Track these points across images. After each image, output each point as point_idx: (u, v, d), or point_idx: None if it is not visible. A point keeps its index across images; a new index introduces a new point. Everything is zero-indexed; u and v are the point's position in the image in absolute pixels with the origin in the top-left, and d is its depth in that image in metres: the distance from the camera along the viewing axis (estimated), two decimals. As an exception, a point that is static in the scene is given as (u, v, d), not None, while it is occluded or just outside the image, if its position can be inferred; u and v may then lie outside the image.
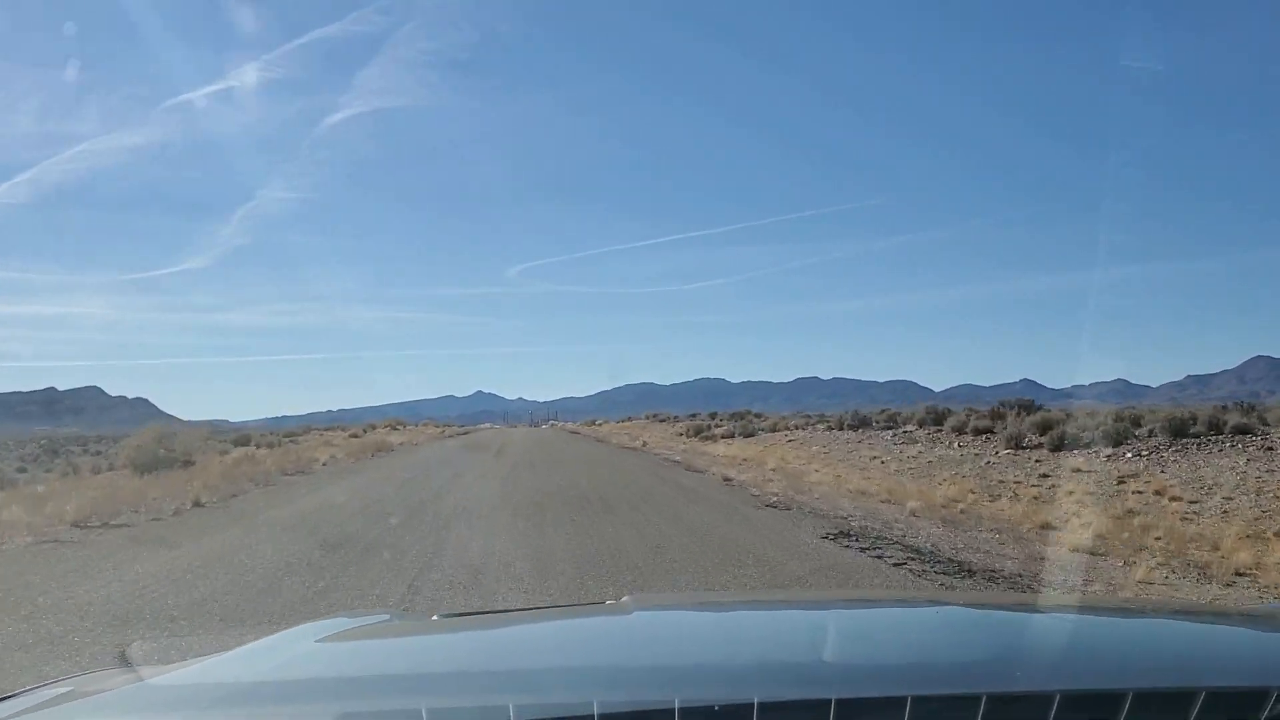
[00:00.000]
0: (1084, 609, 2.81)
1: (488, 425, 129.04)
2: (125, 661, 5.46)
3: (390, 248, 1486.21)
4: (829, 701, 1.27)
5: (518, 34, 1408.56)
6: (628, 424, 70.01)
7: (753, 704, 1.26)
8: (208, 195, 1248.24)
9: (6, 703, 1.59)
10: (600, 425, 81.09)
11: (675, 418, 63.39)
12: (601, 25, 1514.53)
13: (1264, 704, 1.30)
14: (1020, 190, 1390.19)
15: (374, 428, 61.57)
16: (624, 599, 2.30)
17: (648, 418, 69.37)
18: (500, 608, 6.99)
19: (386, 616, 2.53)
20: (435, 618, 2.58)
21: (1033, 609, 2.78)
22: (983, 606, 2.96)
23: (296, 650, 1.87)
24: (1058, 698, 1.29)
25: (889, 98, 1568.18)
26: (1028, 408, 24.73)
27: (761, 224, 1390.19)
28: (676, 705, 1.26)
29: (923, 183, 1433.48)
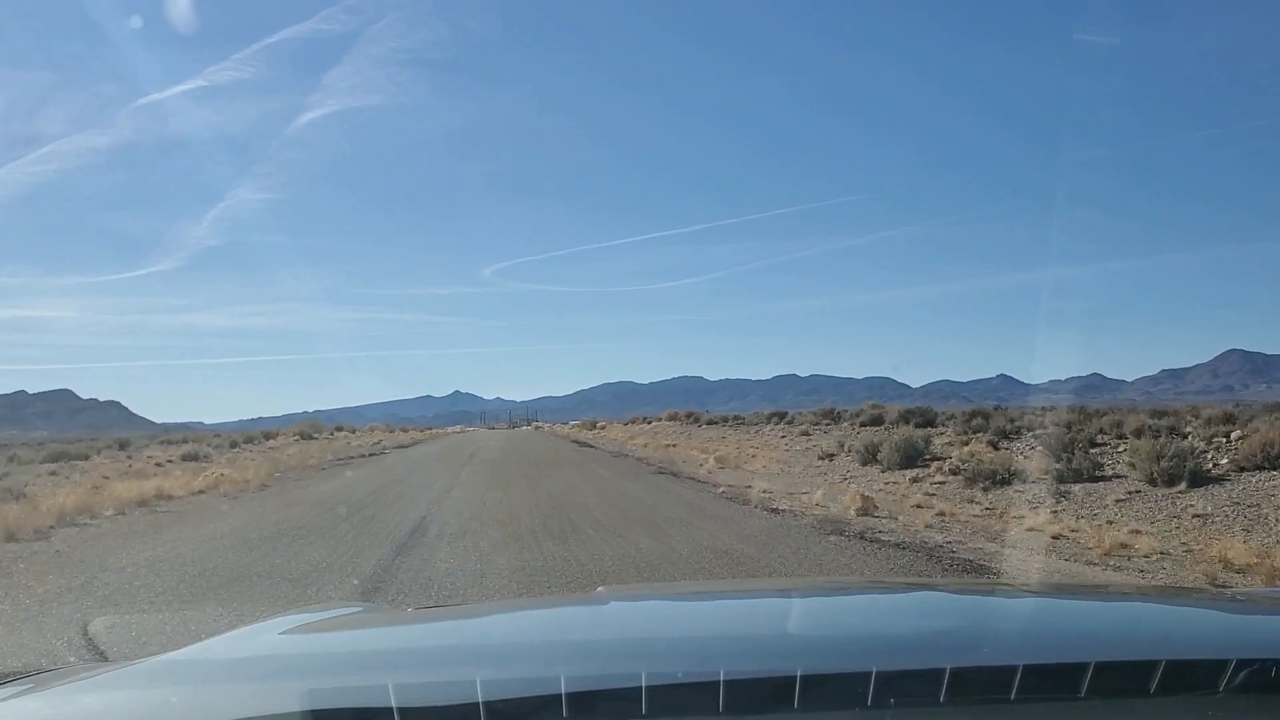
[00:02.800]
0: (1048, 590, 2.80)
1: (457, 429, 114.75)
2: (88, 637, 5.19)
3: (364, 248, 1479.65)
4: (794, 676, 1.29)
5: (489, 32, 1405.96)
6: (641, 425, 52.75)
7: (719, 679, 1.28)
8: (178, 197, 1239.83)
9: None
10: (602, 428, 62.66)
11: (736, 417, 44.51)
12: (574, 23, 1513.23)
13: (1222, 675, 1.34)
14: (993, 187, 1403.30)
15: (272, 436, 47.43)
16: (599, 589, 2.37)
17: (671, 418, 50.45)
18: (475, 600, 7.04)
19: (358, 609, 2.52)
20: (410, 610, 2.62)
21: (998, 590, 2.79)
22: (948, 589, 2.99)
23: (261, 640, 1.87)
24: (1020, 670, 1.31)
25: (861, 97, 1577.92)
26: None
27: (734, 222, 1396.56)
28: (644, 680, 1.28)
29: (895, 180, 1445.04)
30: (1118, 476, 13.78)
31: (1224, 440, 14.58)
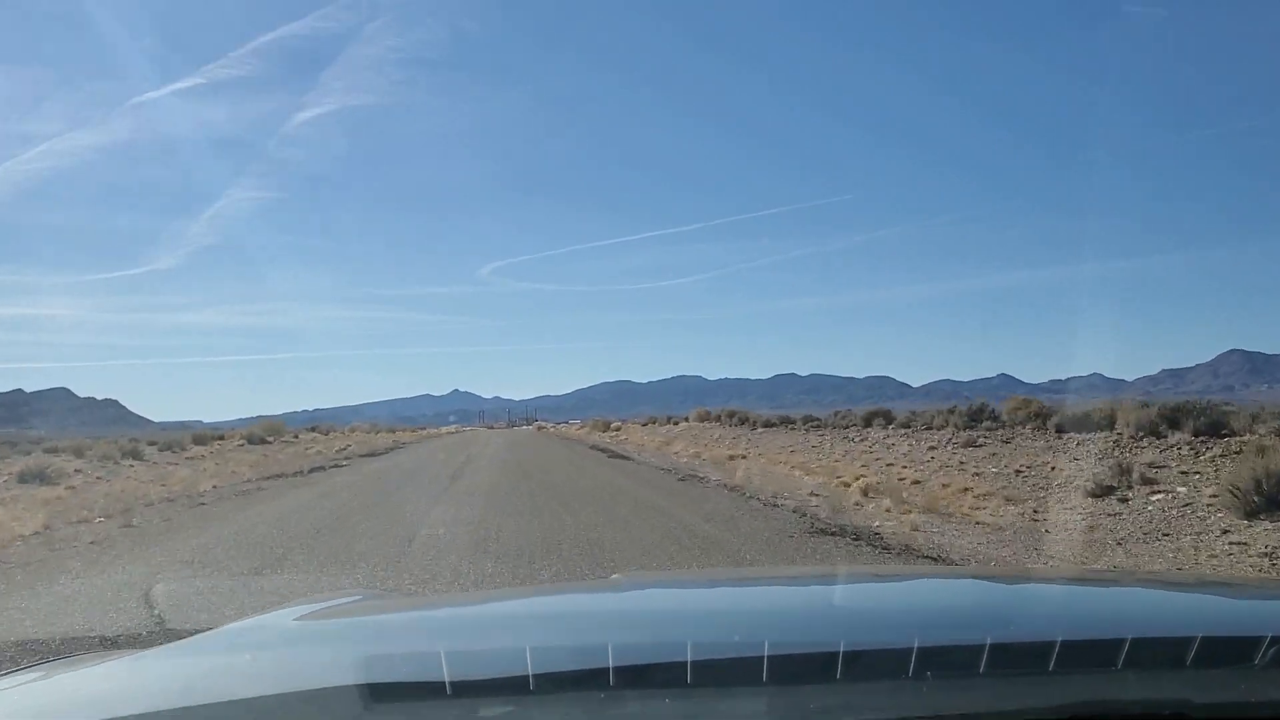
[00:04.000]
0: (1086, 575, 3.01)
1: (452, 428, 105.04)
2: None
3: (362, 247, 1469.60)
4: (837, 651, 1.30)
5: (486, 31, 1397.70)
6: (667, 427, 43.57)
7: (763, 652, 1.28)
8: (175, 195, 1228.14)
9: (20, 674, 1.59)
10: (618, 430, 50.94)
11: (810, 418, 32.62)
12: (569, 22, 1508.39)
13: (1257, 651, 1.34)
14: (992, 187, 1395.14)
15: (206, 441, 37.57)
16: (614, 576, 2.45)
17: (701, 418, 40.90)
18: (488, 588, 6.73)
19: (359, 596, 2.45)
20: (421, 596, 2.56)
21: (1036, 575, 2.93)
22: (979, 577, 3.15)
23: (279, 626, 1.81)
24: (1058, 645, 1.33)
25: (856, 94, 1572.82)
26: None
27: (732, 221, 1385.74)
28: (689, 654, 1.28)
29: (892, 179, 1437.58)
30: None
31: None
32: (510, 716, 1.21)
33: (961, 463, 17.33)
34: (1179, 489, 11.78)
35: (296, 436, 46.91)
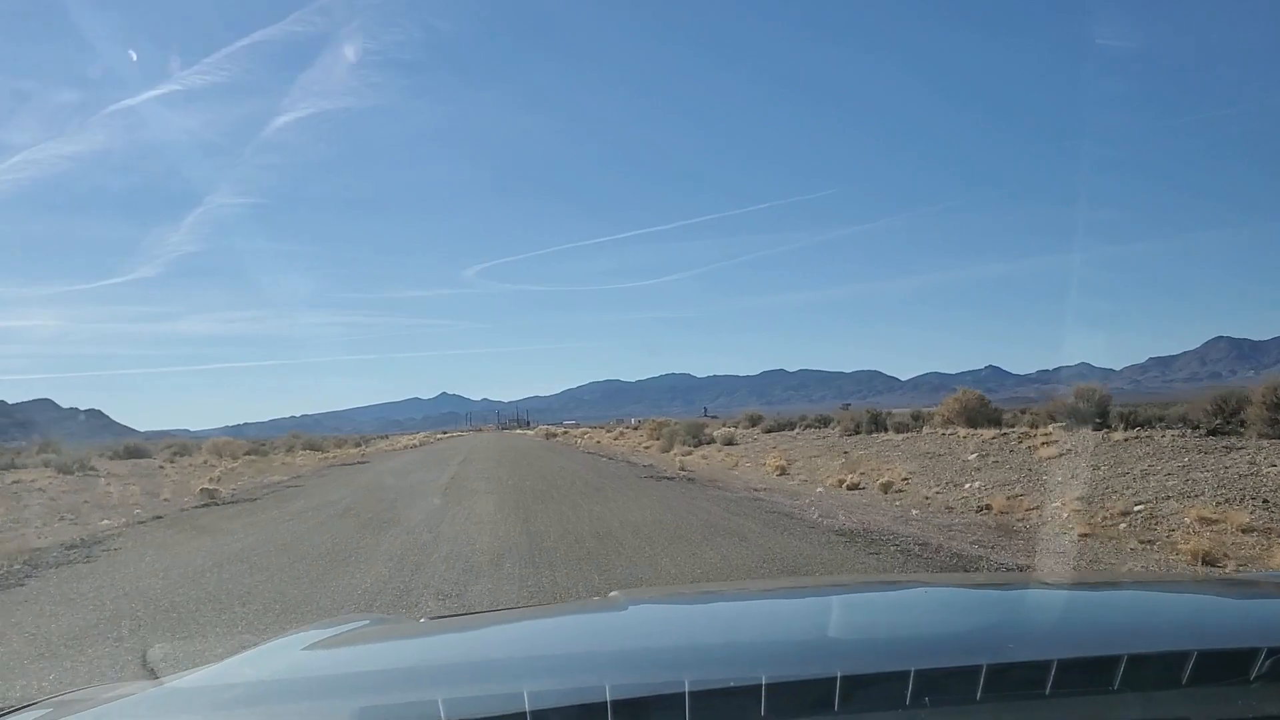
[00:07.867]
0: (1075, 584, 2.87)
1: (421, 436, 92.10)
2: (146, 664, 5.39)
3: (345, 251, 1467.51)
4: (834, 678, 1.29)
5: (460, 31, 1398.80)
6: (869, 434, 25.82)
7: (761, 683, 1.28)
8: (155, 202, 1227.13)
9: (22, 713, 1.57)
10: (730, 443, 32.34)
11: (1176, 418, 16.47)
12: (546, 20, 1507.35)
13: (1253, 664, 1.34)
14: (976, 177, 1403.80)
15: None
16: (613, 594, 2.28)
17: (962, 411, 24.23)
18: (487, 609, 6.53)
19: (366, 621, 2.34)
20: (424, 620, 2.59)
21: (1025, 585, 2.83)
22: (975, 585, 3.05)
23: (285, 659, 1.83)
24: (1055, 665, 1.32)
25: (837, 88, 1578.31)
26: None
27: (715, 218, 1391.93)
28: (687, 687, 1.27)
29: (873, 172, 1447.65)
30: None
31: None
32: None
33: None
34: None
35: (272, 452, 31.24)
